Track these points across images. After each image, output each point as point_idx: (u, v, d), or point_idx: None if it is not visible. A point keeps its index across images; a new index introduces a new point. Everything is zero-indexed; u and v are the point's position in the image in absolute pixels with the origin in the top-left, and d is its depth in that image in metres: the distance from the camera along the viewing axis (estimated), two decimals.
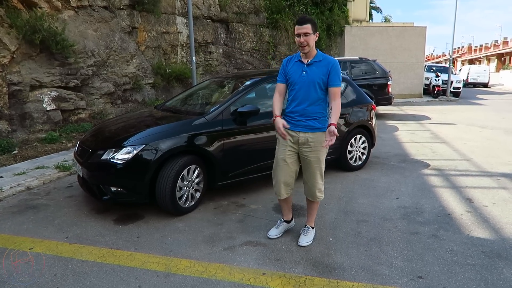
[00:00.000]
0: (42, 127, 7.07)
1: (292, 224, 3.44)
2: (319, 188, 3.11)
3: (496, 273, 2.72)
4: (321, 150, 3.00)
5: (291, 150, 3.04)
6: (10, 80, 6.55)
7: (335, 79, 2.91)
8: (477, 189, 4.61)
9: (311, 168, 3.05)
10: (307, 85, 2.93)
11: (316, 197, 3.14)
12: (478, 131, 8.78)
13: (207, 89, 5.34)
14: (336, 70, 2.92)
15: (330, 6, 16.59)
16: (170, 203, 3.63)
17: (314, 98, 2.93)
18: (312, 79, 2.91)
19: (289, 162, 3.06)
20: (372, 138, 5.60)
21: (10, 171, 5.14)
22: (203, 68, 12.76)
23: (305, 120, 2.96)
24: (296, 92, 2.98)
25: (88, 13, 8.39)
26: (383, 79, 10.95)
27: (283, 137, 2.94)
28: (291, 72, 3.01)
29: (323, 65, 2.93)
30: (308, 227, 3.28)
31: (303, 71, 2.95)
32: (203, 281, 2.63)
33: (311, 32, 2.85)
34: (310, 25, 2.85)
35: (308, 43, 2.86)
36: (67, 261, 2.92)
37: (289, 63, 3.06)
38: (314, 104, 2.95)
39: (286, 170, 3.07)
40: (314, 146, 2.98)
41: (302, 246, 3.13)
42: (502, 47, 41.18)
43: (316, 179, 3.08)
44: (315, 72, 2.92)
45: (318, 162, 3.03)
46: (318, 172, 3.06)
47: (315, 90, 2.92)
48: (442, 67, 21.68)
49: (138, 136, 3.72)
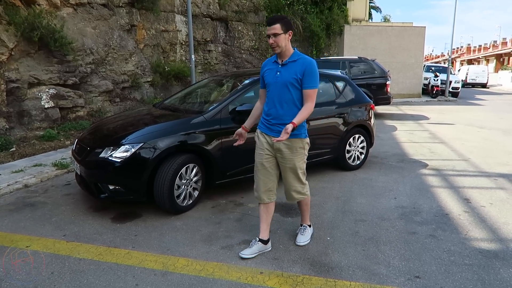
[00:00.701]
0: (40, 125, 7.06)
1: (268, 247, 3.04)
2: (297, 190, 2.97)
3: (493, 273, 2.73)
4: (297, 156, 2.85)
5: (268, 154, 2.91)
6: (8, 78, 6.53)
7: (309, 80, 2.74)
8: (475, 189, 4.62)
9: (287, 173, 2.92)
10: (281, 86, 2.78)
11: (292, 198, 3.02)
12: (476, 131, 8.80)
13: (206, 88, 5.33)
14: (311, 71, 2.74)
15: (329, 5, 16.58)
16: (168, 201, 3.62)
17: (288, 99, 2.77)
18: (285, 80, 2.76)
19: (268, 167, 2.94)
20: (371, 137, 5.60)
21: (7, 169, 5.13)
22: (202, 66, 12.75)
23: (279, 125, 2.79)
24: (270, 93, 2.85)
25: (87, 10, 8.36)
26: (382, 79, 10.96)
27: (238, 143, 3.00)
28: (267, 74, 2.89)
29: (298, 65, 2.76)
30: (304, 226, 3.25)
31: (277, 72, 2.81)
32: (200, 280, 2.63)
33: (281, 32, 2.69)
34: (279, 25, 2.69)
35: (278, 43, 2.71)
36: (65, 259, 2.91)
37: (266, 65, 2.95)
38: (288, 106, 2.78)
39: (265, 174, 2.95)
40: (289, 153, 2.84)
41: (300, 246, 3.11)
42: (501, 48, 41.21)
43: (292, 183, 2.95)
44: (289, 72, 2.76)
45: (293, 169, 2.88)
46: (295, 176, 2.92)
47: (288, 91, 2.76)
48: (441, 67, 21.74)
49: (137, 135, 3.71)
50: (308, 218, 3.26)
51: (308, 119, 4.72)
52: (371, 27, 17.78)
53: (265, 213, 3.05)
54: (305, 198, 3.07)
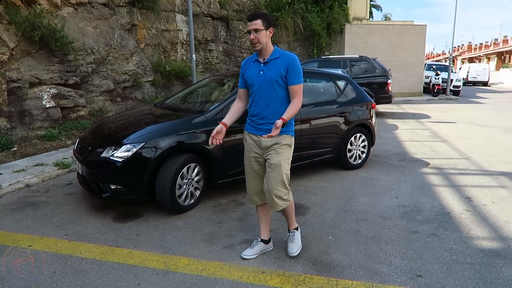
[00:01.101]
0: (42, 124, 7.06)
1: (270, 246, 3.06)
2: (278, 195, 2.74)
3: (495, 272, 2.73)
4: (284, 154, 2.75)
5: (255, 155, 2.83)
6: (9, 77, 6.54)
7: (294, 76, 2.68)
8: (477, 187, 4.61)
9: (273, 173, 2.74)
10: (265, 84, 2.71)
11: (275, 206, 2.78)
12: (477, 130, 8.78)
13: (207, 87, 5.33)
14: (294, 66, 2.68)
15: (330, 4, 16.56)
16: (170, 201, 3.63)
17: (274, 98, 2.71)
18: (269, 78, 2.69)
19: (257, 169, 2.86)
20: (372, 136, 5.60)
21: (9, 168, 5.14)
22: (203, 66, 12.74)
23: (267, 124, 2.73)
24: (255, 93, 2.76)
25: (88, 10, 8.36)
26: (383, 78, 10.94)
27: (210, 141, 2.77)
28: (249, 73, 2.80)
29: (281, 61, 2.69)
30: (292, 231, 3.05)
31: (260, 71, 2.73)
32: (202, 279, 2.64)
33: (262, 28, 2.62)
34: (260, 21, 2.62)
35: (259, 40, 2.64)
36: (66, 258, 2.92)
37: (246, 64, 2.86)
38: (274, 105, 2.72)
39: (255, 176, 2.89)
40: (278, 149, 2.74)
41: (294, 257, 2.93)
42: (502, 46, 41.13)
43: (276, 186, 2.73)
44: (272, 70, 2.69)
45: (278, 167, 2.72)
46: (279, 178, 2.73)
47: (273, 89, 2.70)
48: (442, 65, 21.68)
49: (138, 134, 3.71)
50: (294, 221, 3.07)
51: (309, 118, 4.77)
52: (372, 25, 17.75)
53: (263, 214, 3.03)
54: (288, 205, 2.88)
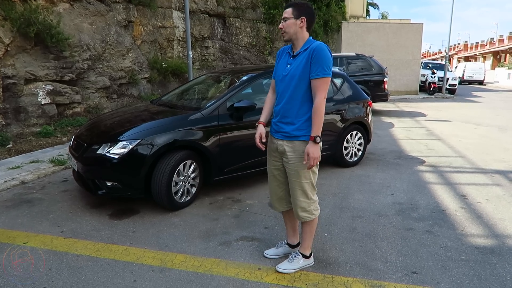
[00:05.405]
0: (37, 121, 7.02)
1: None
2: (302, 206, 2.54)
3: (489, 269, 2.75)
4: (301, 162, 2.44)
5: (275, 159, 2.64)
6: (4, 74, 6.49)
7: (315, 67, 2.33)
8: (472, 185, 4.64)
9: (291, 183, 2.55)
10: (288, 80, 2.44)
11: (299, 217, 2.59)
12: (473, 128, 8.83)
13: (204, 84, 5.32)
14: (318, 56, 2.32)
15: (327, 2, 16.57)
16: (166, 198, 3.62)
17: (297, 95, 2.43)
18: (293, 73, 2.42)
19: (276, 174, 2.67)
20: (368, 134, 5.61)
21: (4, 165, 5.11)
22: (200, 63, 12.70)
23: (282, 125, 2.51)
24: (278, 89, 2.55)
25: (84, 6, 8.30)
26: (380, 76, 10.98)
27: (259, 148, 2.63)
28: (278, 66, 2.58)
29: (307, 53, 2.38)
30: (297, 253, 2.73)
31: (288, 64, 2.48)
32: (198, 276, 2.64)
33: (290, 17, 2.38)
34: (291, 9, 2.39)
35: (286, 29, 2.41)
36: (62, 255, 2.91)
37: (279, 55, 2.64)
38: (291, 103, 2.45)
39: (274, 182, 2.72)
40: (292, 158, 2.47)
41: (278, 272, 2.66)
42: (498, 45, 41.33)
43: (297, 196, 2.54)
44: (298, 64, 2.41)
45: (297, 177, 2.49)
46: (299, 188, 2.51)
47: (294, 87, 2.42)
48: (438, 64, 21.77)
49: (134, 131, 3.70)
50: (308, 247, 2.72)
51: None
52: (368, 24, 17.77)
53: (287, 220, 2.89)
54: (311, 219, 2.61)
